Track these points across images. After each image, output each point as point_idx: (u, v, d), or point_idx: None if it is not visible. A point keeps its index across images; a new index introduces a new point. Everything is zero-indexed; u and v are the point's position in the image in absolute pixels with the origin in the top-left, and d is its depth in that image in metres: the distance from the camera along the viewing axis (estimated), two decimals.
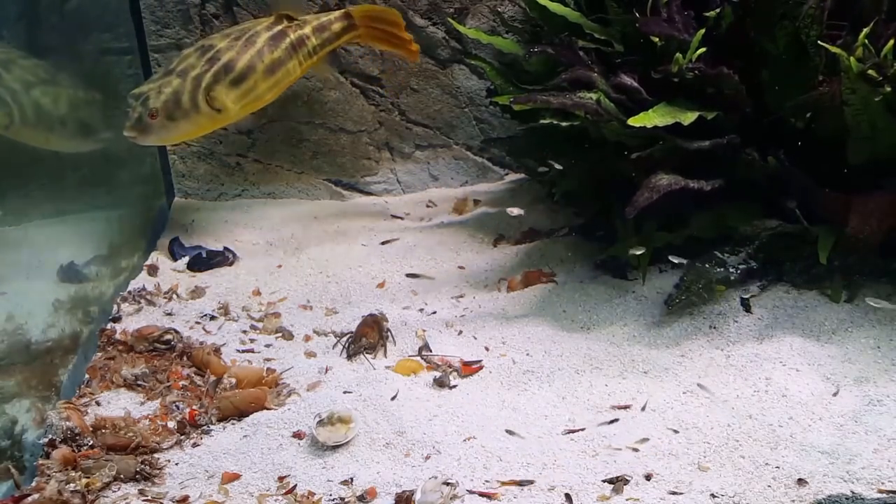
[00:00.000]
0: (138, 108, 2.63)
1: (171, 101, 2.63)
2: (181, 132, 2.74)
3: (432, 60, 3.42)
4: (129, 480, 1.86)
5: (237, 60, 2.74)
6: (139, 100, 2.64)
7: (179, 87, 2.66)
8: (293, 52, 2.86)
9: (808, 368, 2.19)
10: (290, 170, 3.52)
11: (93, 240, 2.78)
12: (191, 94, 2.66)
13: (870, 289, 2.45)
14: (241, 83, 2.75)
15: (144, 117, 2.61)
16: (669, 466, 1.87)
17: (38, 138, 2.66)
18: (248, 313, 2.70)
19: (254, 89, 2.79)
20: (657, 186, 2.33)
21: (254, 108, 2.91)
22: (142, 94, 2.65)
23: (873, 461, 1.82)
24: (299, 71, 2.92)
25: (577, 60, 2.54)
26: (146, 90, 2.66)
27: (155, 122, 2.63)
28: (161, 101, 2.62)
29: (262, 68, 2.77)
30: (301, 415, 2.09)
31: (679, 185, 2.36)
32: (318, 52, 2.93)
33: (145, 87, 2.70)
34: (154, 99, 2.62)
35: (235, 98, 2.75)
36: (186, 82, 2.67)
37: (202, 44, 2.81)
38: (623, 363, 2.31)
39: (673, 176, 2.37)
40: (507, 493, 1.80)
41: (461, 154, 3.52)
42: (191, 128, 2.73)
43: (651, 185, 2.33)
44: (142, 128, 2.63)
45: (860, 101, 2.25)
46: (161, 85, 2.67)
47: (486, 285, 2.81)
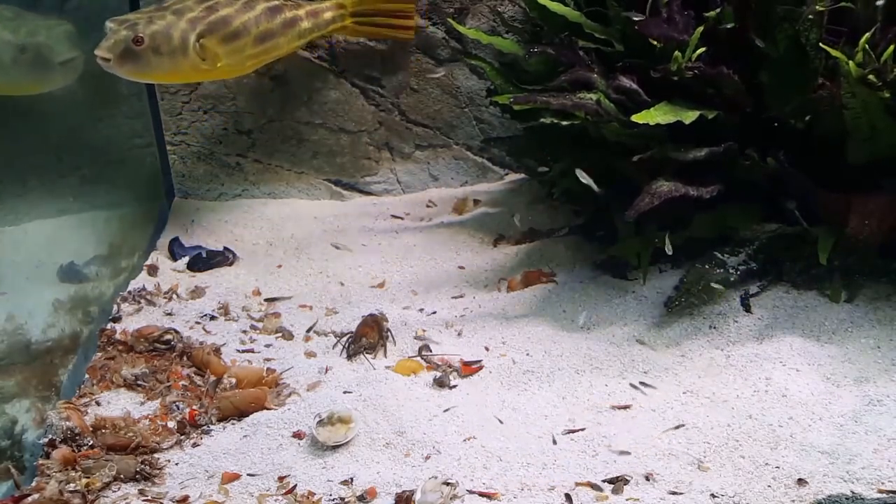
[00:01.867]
0: (121, 31, 2.46)
1: (161, 33, 2.48)
2: (159, 71, 2.56)
3: (432, 60, 3.42)
4: (129, 480, 1.86)
5: (234, 18, 2.64)
6: (124, 24, 2.47)
7: (173, 23, 2.51)
8: (284, 29, 2.79)
9: (808, 368, 2.19)
10: (290, 170, 3.52)
11: (93, 240, 2.79)
12: (183, 33, 2.52)
13: (870, 289, 2.45)
14: (232, 42, 2.64)
15: (128, 42, 2.44)
16: (669, 466, 1.87)
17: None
18: (248, 313, 2.70)
19: (241, 52, 2.68)
20: (658, 193, 2.34)
21: (230, 74, 2.82)
22: (128, 20, 2.50)
23: (873, 461, 1.82)
24: (284, 49, 2.86)
25: (577, 61, 2.54)
26: (133, 17, 2.51)
27: (139, 49, 2.45)
28: (151, 29, 2.47)
29: (255, 33, 2.69)
30: (301, 415, 2.09)
31: (679, 193, 2.37)
32: (306, 35, 2.88)
33: (132, 15, 2.55)
34: (144, 25, 2.47)
35: (223, 54, 2.63)
36: (181, 21, 2.53)
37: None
38: (623, 363, 2.31)
39: (673, 183, 2.38)
40: (507, 492, 1.80)
41: (461, 154, 3.52)
42: (170, 69, 2.57)
43: (652, 192, 2.34)
44: (121, 53, 2.45)
45: (860, 105, 2.26)
46: (152, 16, 2.52)
47: (486, 285, 2.81)
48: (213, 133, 3.47)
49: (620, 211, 2.48)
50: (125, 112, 3.26)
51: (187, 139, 3.46)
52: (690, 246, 2.58)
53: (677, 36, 2.48)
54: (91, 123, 2.97)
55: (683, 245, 2.58)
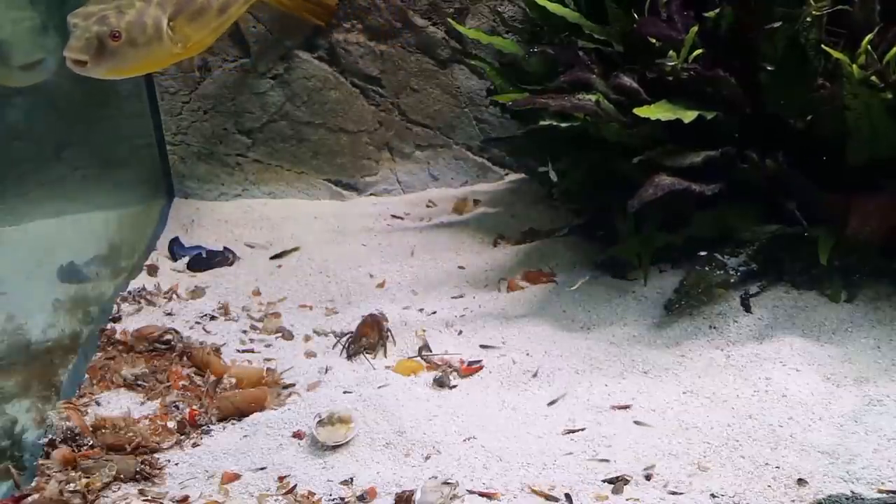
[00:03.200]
0: (92, 27, 2.20)
1: (136, 23, 2.24)
2: (135, 64, 2.34)
3: (432, 60, 3.42)
4: (129, 480, 1.86)
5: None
6: (91, 19, 2.21)
7: (143, 10, 2.27)
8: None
9: (808, 368, 2.19)
10: (290, 170, 3.53)
11: (93, 240, 2.79)
12: (155, 20, 2.29)
13: (870, 289, 2.45)
14: (199, 19, 2.44)
15: (104, 38, 2.19)
16: (669, 466, 1.87)
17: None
18: (248, 313, 2.70)
19: (206, 27, 2.49)
20: (661, 185, 2.35)
21: (194, 52, 2.63)
22: (93, 13, 2.23)
23: (873, 461, 1.82)
24: (234, 18, 2.68)
25: (577, 61, 2.55)
26: (97, 9, 2.24)
27: (117, 45, 2.21)
28: (126, 21, 2.23)
29: (217, 6, 2.50)
30: (301, 415, 2.09)
31: (682, 187, 2.37)
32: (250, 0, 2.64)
33: (94, 6, 2.26)
34: (116, 17, 2.22)
35: (192, 33, 2.42)
36: (150, 7, 2.29)
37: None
38: (623, 363, 2.31)
39: (676, 178, 2.38)
40: (507, 492, 1.80)
41: (461, 154, 3.52)
42: (146, 61, 2.36)
43: (655, 183, 2.35)
44: (97, 51, 2.20)
45: (862, 106, 2.26)
46: (119, 5, 2.27)
47: (486, 285, 2.81)
48: (213, 133, 3.47)
49: (621, 212, 2.48)
50: (125, 112, 3.26)
51: (187, 139, 3.46)
52: (690, 246, 2.58)
53: (676, 35, 2.48)
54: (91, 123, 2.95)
55: (683, 245, 2.58)
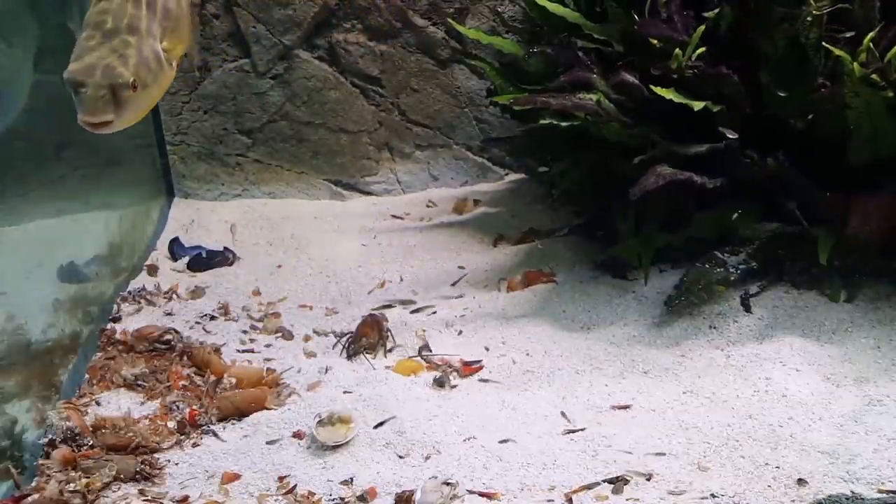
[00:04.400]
0: (103, 82, 1.99)
1: (142, 63, 2.05)
2: (151, 101, 2.20)
3: (432, 60, 3.42)
4: (129, 480, 1.86)
5: (167, 2, 2.21)
6: (96, 74, 2.00)
7: (141, 46, 2.07)
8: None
9: (808, 368, 2.19)
10: (290, 170, 3.53)
11: (93, 240, 2.78)
12: (154, 51, 2.10)
13: (870, 289, 2.45)
14: (176, 29, 2.24)
15: (120, 91, 2.01)
16: (669, 466, 1.87)
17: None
18: (248, 313, 2.70)
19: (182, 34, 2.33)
20: (663, 174, 2.35)
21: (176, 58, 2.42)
22: (94, 66, 2.01)
23: (873, 461, 1.82)
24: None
25: (577, 61, 2.55)
26: (97, 60, 2.02)
27: (137, 93, 2.04)
28: (132, 65, 2.03)
29: (186, 10, 2.32)
30: (301, 415, 2.09)
31: (684, 176, 2.37)
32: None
33: (88, 57, 2.03)
34: (124, 67, 2.01)
35: (175, 46, 2.23)
36: (144, 39, 2.09)
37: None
38: (623, 363, 2.31)
39: (678, 169, 2.38)
40: (507, 492, 1.80)
41: (461, 154, 3.52)
42: (157, 93, 2.20)
43: (657, 172, 2.35)
44: (119, 107, 2.02)
45: (863, 105, 2.26)
46: (114, 47, 2.05)
47: (486, 285, 2.81)
48: (213, 133, 3.47)
49: (621, 211, 2.48)
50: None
51: (187, 139, 3.47)
52: (691, 246, 2.58)
53: (676, 36, 2.48)
54: None
55: (684, 245, 2.58)
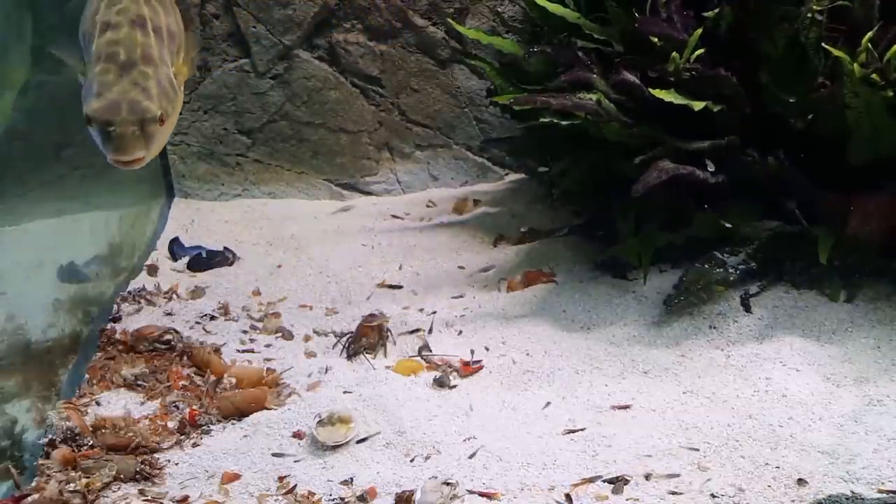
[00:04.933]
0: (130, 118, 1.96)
1: (163, 94, 2.03)
2: (172, 128, 2.16)
3: (432, 60, 3.42)
4: (129, 480, 1.86)
5: (170, 25, 2.19)
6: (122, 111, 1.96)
7: (158, 75, 2.04)
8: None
9: (808, 368, 2.19)
10: (290, 170, 3.53)
11: (93, 239, 2.78)
12: (169, 79, 2.08)
13: (870, 289, 2.45)
14: (180, 52, 2.22)
15: (150, 127, 1.98)
16: (669, 466, 1.86)
17: None
18: (248, 313, 2.70)
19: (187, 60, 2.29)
20: (665, 169, 2.35)
21: None
22: (118, 103, 1.97)
23: (873, 461, 1.82)
24: None
25: (577, 61, 2.55)
26: (119, 95, 1.98)
27: (164, 126, 2.04)
28: (156, 98, 2.01)
29: (182, 27, 2.28)
30: (301, 415, 2.09)
31: (686, 171, 2.38)
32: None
33: (113, 93, 1.99)
34: (150, 100, 2.00)
35: (187, 66, 2.24)
36: (159, 67, 2.06)
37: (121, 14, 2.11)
38: (623, 363, 2.31)
39: (680, 164, 2.38)
40: (507, 492, 1.80)
41: (461, 154, 3.52)
42: (175, 120, 2.16)
43: (660, 168, 2.36)
44: (148, 141, 2.00)
45: (863, 105, 2.26)
46: (135, 81, 2.01)
47: (486, 285, 2.81)
48: (213, 133, 3.47)
49: (621, 211, 2.48)
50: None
51: (187, 139, 3.47)
52: (691, 246, 2.58)
53: (676, 35, 2.48)
54: None
55: (684, 245, 2.58)
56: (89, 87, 2.03)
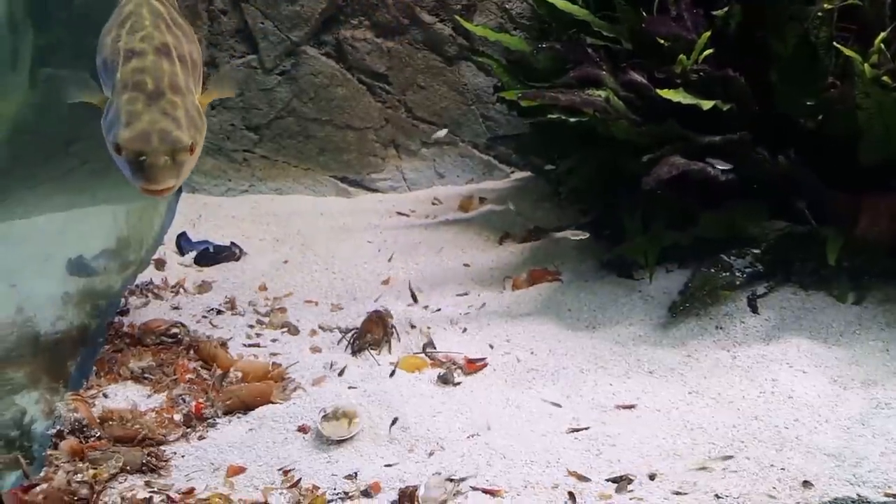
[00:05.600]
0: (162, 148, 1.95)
1: (192, 124, 2.04)
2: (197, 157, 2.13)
3: (439, 57, 3.42)
4: (135, 472, 1.87)
5: (192, 53, 2.19)
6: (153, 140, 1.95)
7: (186, 104, 2.05)
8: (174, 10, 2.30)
9: (814, 370, 2.18)
10: (296, 166, 3.53)
11: (101, 234, 2.80)
12: (195, 106, 2.09)
13: (879, 291, 2.44)
14: (198, 80, 2.22)
15: (181, 155, 1.98)
16: (674, 466, 1.86)
17: None
18: (254, 308, 2.71)
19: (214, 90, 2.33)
20: (676, 164, 2.35)
21: None
22: (149, 133, 1.96)
23: (880, 464, 1.80)
24: None
25: (586, 58, 2.54)
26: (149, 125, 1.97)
27: (192, 154, 2.03)
28: (186, 127, 2.00)
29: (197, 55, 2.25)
30: (306, 409, 2.10)
31: (698, 167, 2.37)
32: None
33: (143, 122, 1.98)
34: (180, 130, 1.98)
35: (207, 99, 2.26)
36: (186, 96, 2.07)
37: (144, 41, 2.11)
38: (628, 363, 2.30)
39: (691, 160, 2.37)
40: (510, 489, 1.80)
41: (467, 152, 3.52)
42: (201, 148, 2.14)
43: (671, 163, 2.35)
44: (179, 169, 1.99)
45: (874, 106, 2.25)
46: (164, 111, 2.01)
47: (491, 283, 2.81)
48: (221, 128, 3.48)
49: (628, 210, 2.47)
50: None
51: None
52: (698, 246, 2.57)
53: (686, 34, 2.47)
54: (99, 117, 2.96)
55: (691, 244, 2.57)
56: (116, 116, 2.02)
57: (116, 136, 1.98)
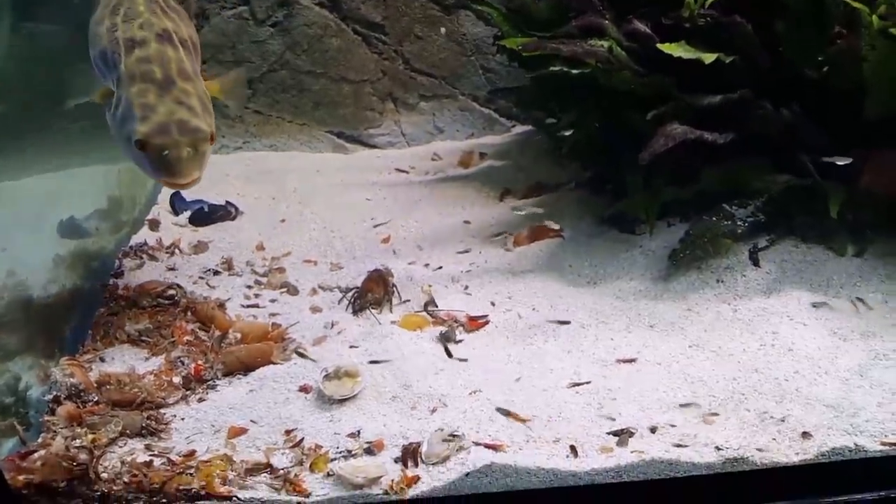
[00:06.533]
0: (184, 141, 1.90)
1: (206, 110, 1.99)
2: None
3: (437, 6, 3.31)
4: (135, 436, 1.87)
5: (192, 36, 2.13)
6: (172, 133, 1.89)
7: (197, 90, 2.00)
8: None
9: (814, 323, 2.18)
10: (291, 121, 3.47)
11: (93, 194, 2.75)
12: (204, 91, 2.03)
13: (880, 244, 2.42)
14: (197, 55, 2.17)
15: (202, 145, 1.94)
16: (674, 419, 1.87)
17: None
18: (251, 268, 2.68)
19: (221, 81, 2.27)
20: (673, 134, 2.30)
21: None
22: (168, 125, 1.91)
23: (877, 414, 1.82)
24: None
25: (589, 6, 2.47)
26: (166, 116, 1.92)
27: (213, 142, 2.00)
28: (202, 115, 1.94)
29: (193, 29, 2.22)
30: (307, 369, 2.10)
31: (694, 136, 2.33)
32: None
33: (159, 115, 1.92)
34: (198, 119, 1.94)
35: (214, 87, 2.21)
36: (195, 82, 2.00)
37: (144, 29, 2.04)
38: (629, 317, 2.30)
39: (688, 127, 2.33)
40: (512, 444, 1.81)
41: (467, 105, 3.45)
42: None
43: (667, 133, 2.30)
44: (202, 158, 1.96)
45: (881, 57, 2.19)
46: (178, 100, 1.95)
47: (492, 240, 2.79)
48: None
49: (630, 165, 2.43)
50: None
51: None
52: (700, 199, 2.54)
53: None
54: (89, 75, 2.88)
55: (693, 199, 2.54)
56: (128, 111, 1.94)
57: (135, 132, 1.91)
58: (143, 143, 1.91)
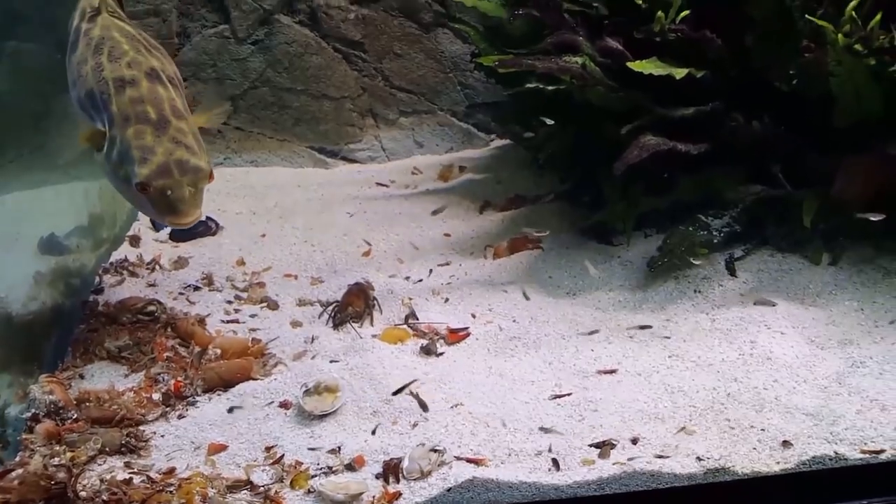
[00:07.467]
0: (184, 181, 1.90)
1: (201, 146, 1.98)
2: None
3: (416, 24, 3.35)
4: (114, 453, 1.85)
5: (176, 73, 2.14)
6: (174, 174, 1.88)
7: (190, 128, 1.99)
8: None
9: (792, 331, 2.20)
10: (272, 137, 3.47)
11: (73, 211, 2.73)
12: (194, 130, 2.02)
13: (854, 252, 2.46)
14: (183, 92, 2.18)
15: (202, 183, 1.95)
16: (655, 430, 1.88)
17: None
18: (232, 283, 2.67)
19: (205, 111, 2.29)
20: (646, 145, 2.33)
21: None
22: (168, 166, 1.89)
23: (856, 422, 1.83)
24: None
25: (562, 23, 2.50)
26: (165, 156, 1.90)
27: (210, 182, 2.01)
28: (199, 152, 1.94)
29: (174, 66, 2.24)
30: (287, 384, 2.09)
31: (667, 147, 2.36)
32: None
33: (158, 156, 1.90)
34: (197, 158, 1.94)
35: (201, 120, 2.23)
36: (187, 118, 2.00)
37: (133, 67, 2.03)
38: (609, 328, 2.31)
39: (662, 138, 2.36)
40: (494, 458, 1.81)
41: (446, 120, 3.47)
42: None
43: (640, 144, 2.33)
44: (201, 195, 1.96)
45: (846, 72, 2.25)
46: (175, 139, 1.94)
47: (472, 252, 2.80)
48: (194, 100, 3.39)
49: (607, 177, 2.46)
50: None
51: None
52: (676, 210, 2.57)
53: None
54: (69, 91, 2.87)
55: (669, 209, 2.57)
56: (125, 153, 1.93)
57: (136, 174, 1.90)
58: (144, 185, 1.90)
